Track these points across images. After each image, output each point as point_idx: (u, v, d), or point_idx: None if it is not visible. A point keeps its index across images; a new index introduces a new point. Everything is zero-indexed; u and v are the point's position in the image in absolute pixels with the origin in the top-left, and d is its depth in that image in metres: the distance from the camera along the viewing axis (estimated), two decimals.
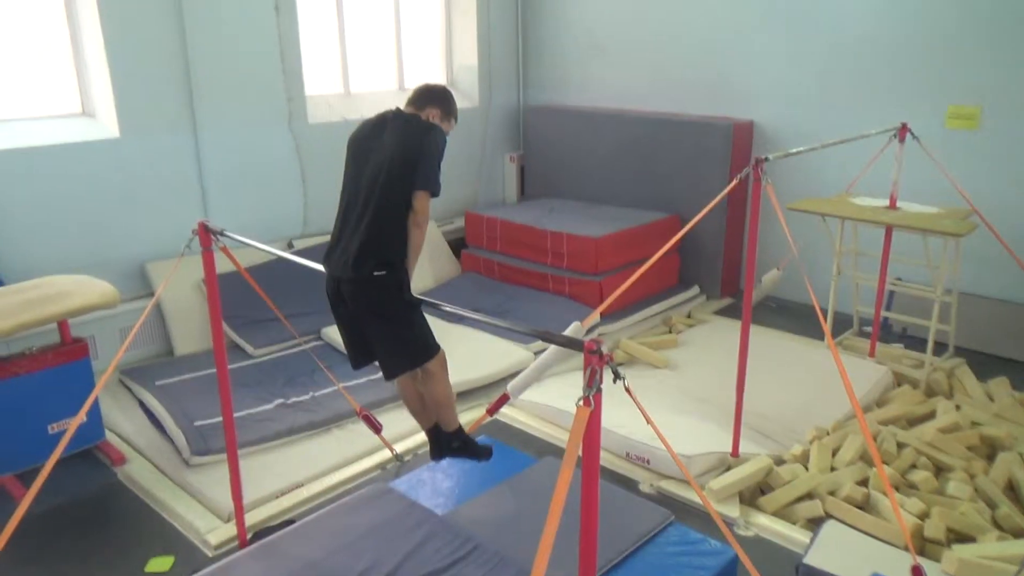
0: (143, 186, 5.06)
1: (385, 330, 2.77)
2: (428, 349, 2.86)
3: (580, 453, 1.71)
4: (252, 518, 3.40)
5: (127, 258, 5.07)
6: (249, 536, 3.26)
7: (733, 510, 3.47)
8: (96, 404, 3.95)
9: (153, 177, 5.09)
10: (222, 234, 2.82)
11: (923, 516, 3.30)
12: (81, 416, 2.51)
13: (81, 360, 3.86)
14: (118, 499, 3.69)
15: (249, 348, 5.03)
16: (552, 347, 3.49)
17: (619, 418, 3.60)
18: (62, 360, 3.79)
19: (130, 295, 4.95)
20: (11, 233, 4.55)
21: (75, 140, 4.78)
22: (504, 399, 3.84)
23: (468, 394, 4.59)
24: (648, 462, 3.81)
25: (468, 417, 4.33)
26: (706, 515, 3.41)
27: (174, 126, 5.14)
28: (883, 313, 5.10)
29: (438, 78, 7.16)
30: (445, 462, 3.75)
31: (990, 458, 3.75)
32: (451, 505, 3.35)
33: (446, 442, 3.15)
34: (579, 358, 1.75)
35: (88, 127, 4.94)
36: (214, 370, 3.17)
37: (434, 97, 2.88)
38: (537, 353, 4.76)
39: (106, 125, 4.95)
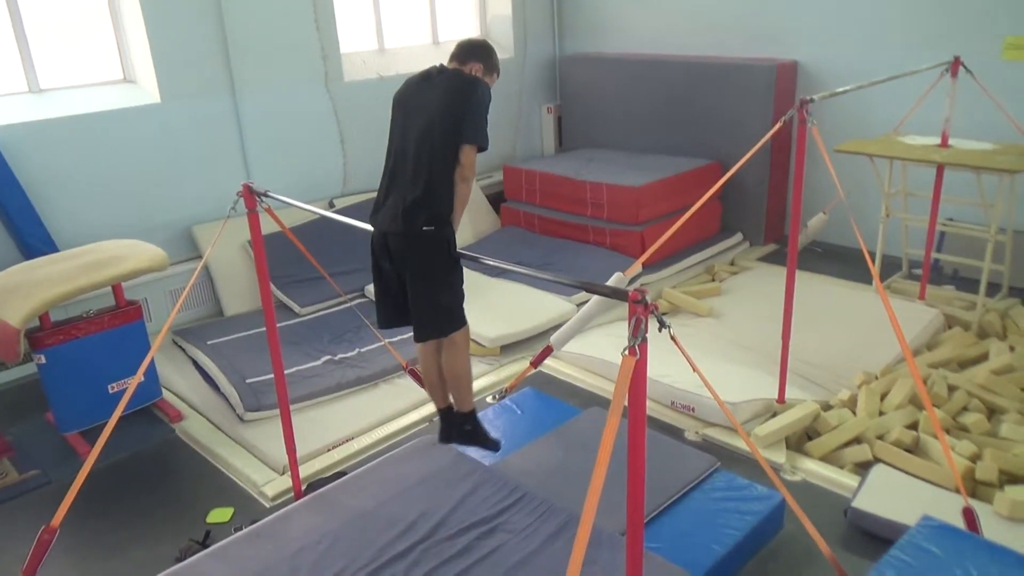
0: (186, 150, 5.13)
1: (425, 290, 2.79)
2: (456, 320, 2.87)
3: (626, 402, 1.72)
4: (305, 471, 3.51)
5: (174, 222, 5.17)
6: (304, 487, 3.36)
7: (779, 456, 3.47)
8: (152, 364, 4.08)
9: (195, 141, 5.16)
10: (265, 195, 2.85)
11: (975, 458, 3.26)
12: (139, 376, 2.60)
13: (136, 322, 3.98)
14: (177, 454, 3.83)
15: (296, 307, 5.13)
16: (595, 298, 3.50)
17: (664, 367, 3.60)
18: (118, 322, 3.91)
19: (178, 258, 5.06)
20: (62, 201, 4.67)
21: (118, 107, 4.86)
22: (548, 351, 3.86)
23: (512, 347, 4.62)
24: (693, 410, 3.82)
25: (512, 370, 4.38)
26: (752, 462, 3.41)
27: (213, 90, 5.18)
28: (933, 254, 4.98)
29: (472, 30, 7.07)
30: (491, 413, 3.81)
31: None
32: (499, 456, 3.40)
33: (458, 423, 3.10)
34: (621, 309, 1.75)
35: (130, 93, 5.01)
36: (263, 329, 3.24)
37: (476, 52, 2.87)
38: (579, 305, 4.77)
39: (147, 91, 5.01)
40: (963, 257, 4.90)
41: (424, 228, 2.67)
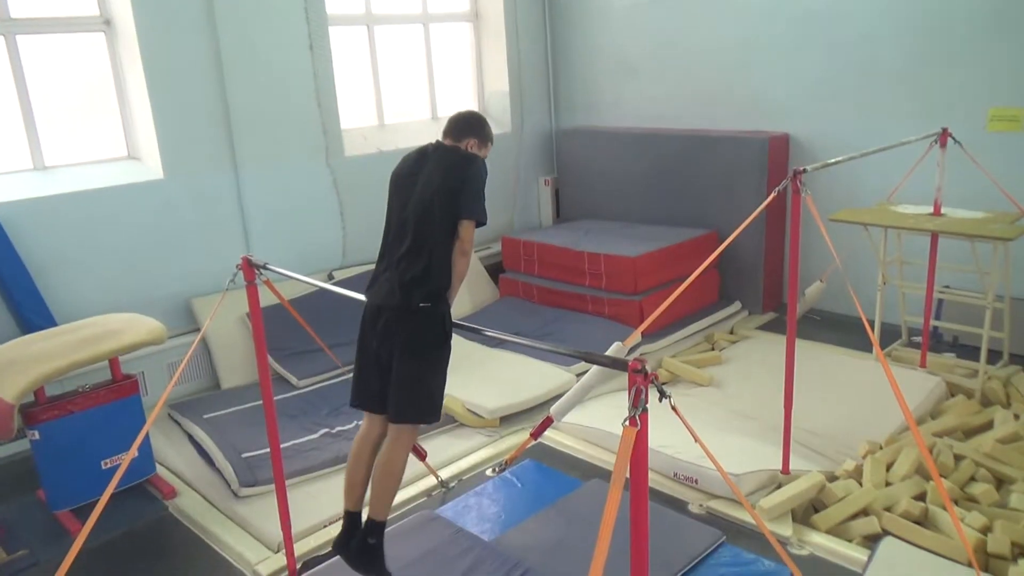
0: (187, 224, 5.19)
1: (412, 368, 2.73)
2: (434, 407, 2.80)
3: (628, 474, 1.69)
4: (301, 548, 3.42)
5: (173, 295, 5.19)
6: (299, 566, 3.27)
7: (786, 529, 3.39)
8: (147, 439, 4.02)
9: (197, 215, 5.23)
10: (265, 267, 2.87)
11: (985, 530, 3.19)
12: (133, 451, 2.56)
13: (132, 396, 3.94)
14: (170, 531, 3.74)
15: (293, 379, 5.09)
16: (595, 368, 3.47)
17: (665, 438, 3.56)
18: (114, 397, 3.87)
19: (177, 331, 5.06)
20: (61, 275, 4.69)
21: (122, 183, 4.93)
22: (548, 422, 3.82)
23: (511, 418, 4.58)
24: (696, 482, 3.75)
25: (512, 441, 4.32)
26: (758, 535, 3.34)
27: (216, 165, 5.28)
28: (932, 322, 4.98)
29: (470, 105, 7.24)
30: (491, 486, 3.74)
31: None
32: (498, 531, 3.33)
33: (363, 532, 2.82)
34: (621, 379, 1.73)
35: (134, 169, 5.10)
36: (260, 402, 3.22)
37: (471, 127, 2.91)
38: (579, 375, 4.74)
39: (151, 167, 5.10)
40: (962, 324, 4.90)
41: (421, 304, 2.66)
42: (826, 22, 5.68)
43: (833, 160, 3.99)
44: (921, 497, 3.47)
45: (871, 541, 3.26)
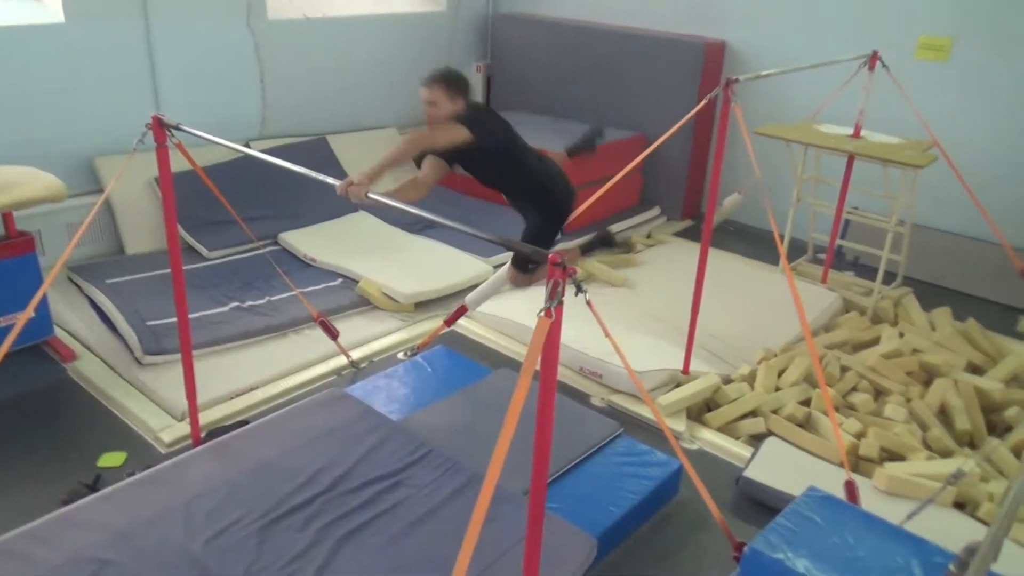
0: (91, 76, 4.82)
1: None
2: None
3: (538, 365, 1.73)
4: (205, 418, 3.41)
5: (75, 152, 4.87)
6: (203, 435, 3.27)
7: (680, 425, 3.58)
8: (44, 300, 3.86)
9: (101, 67, 4.85)
10: (177, 128, 2.71)
11: (859, 436, 3.45)
12: (29, 311, 2.46)
13: (28, 254, 3.75)
14: (68, 395, 3.66)
15: (203, 250, 4.93)
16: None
17: (574, 333, 3.65)
18: (7, 254, 3.67)
19: (78, 190, 4.78)
20: None
21: (17, 23, 4.50)
22: (462, 311, 3.86)
23: (426, 305, 4.59)
24: (601, 377, 3.89)
25: (425, 327, 4.35)
26: (653, 430, 3.51)
27: (124, 12, 4.86)
28: (838, 241, 5.19)
29: None
30: (401, 369, 3.78)
31: (927, 384, 3.90)
32: (406, 412, 3.39)
33: None
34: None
35: (32, 9, 4.65)
36: (166, 270, 3.12)
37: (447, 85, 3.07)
38: (496, 267, 4.76)
39: (51, 8, 4.66)
40: (865, 245, 5.13)
41: None
42: None
43: (765, 72, 4.00)
44: (806, 403, 3.70)
45: (757, 440, 3.48)
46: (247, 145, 5.62)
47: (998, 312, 4.94)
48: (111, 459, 3.21)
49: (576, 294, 1.81)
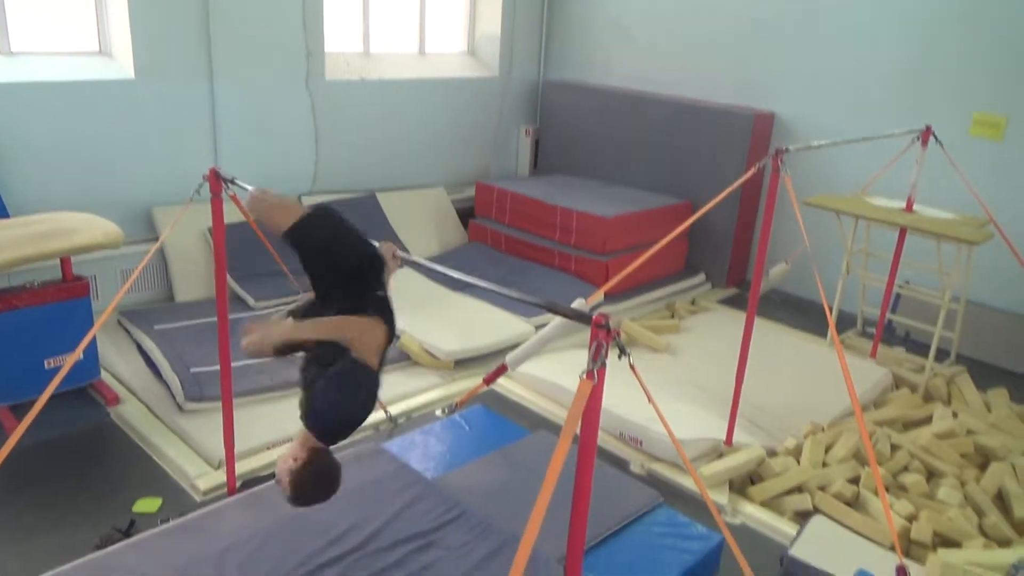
0: (155, 130, 5.02)
1: None
2: None
3: (578, 428, 1.69)
4: (242, 467, 3.41)
5: (134, 201, 5.04)
6: (238, 484, 3.26)
7: (722, 497, 3.47)
8: (93, 343, 3.95)
9: (166, 121, 5.05)
10: (233, 182, 2.79)
11: (911, 519, 3.30)
12: (78, 353, 2.50)
13: (81, 298, 3.85)
14: (109, 438, 3.70)
15: (250, 300, 5.02)
16: (555, 321, 3.47)
17: (615, 398, 3.59)
18: (62, 296, 3.78)
19: (134, 238, 4.92)
20: (20, 166, 4.51)
21: (90, 78, 4.73)
22: (502, 370, 3.82)
23: (466, 363, 4.58)
24: (641, 443, 3.81)
25: (464, 385, 4.33)
26: (694, 501, 3.41)
27: (190, 71, 5.08)
28: (888, 315, 5.07)
29: (459, 45, 7.08)
30: (439, 427, 3.75)
31: (982, 467, 3.73)
32: (441, 471, 3.35)
33: None
34: (578, 337, 1.73)
35: (104, 66, 4.89)
36: (213, 318, 3.16)
37: None
38: (538, 328, 4.74)
39: (122, 65, 4.90)
40: (916, 320, 5.00)
41: None
42: (830, 10, 5.63)
43: (816, 143, 3.99)
44: (855, 481, 3.56)
45: (802, 517, 3.35)
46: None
47: None
48: (146, 504, 3.21)
49: (620, 357, 1.78)
